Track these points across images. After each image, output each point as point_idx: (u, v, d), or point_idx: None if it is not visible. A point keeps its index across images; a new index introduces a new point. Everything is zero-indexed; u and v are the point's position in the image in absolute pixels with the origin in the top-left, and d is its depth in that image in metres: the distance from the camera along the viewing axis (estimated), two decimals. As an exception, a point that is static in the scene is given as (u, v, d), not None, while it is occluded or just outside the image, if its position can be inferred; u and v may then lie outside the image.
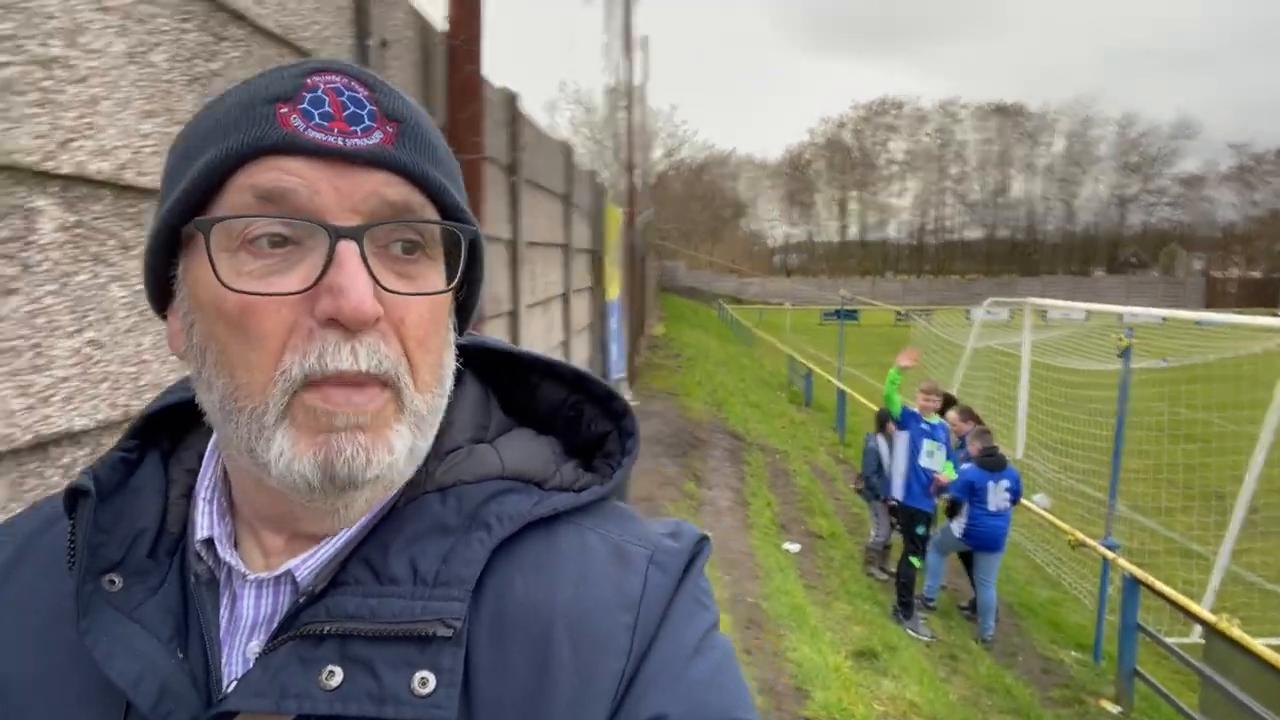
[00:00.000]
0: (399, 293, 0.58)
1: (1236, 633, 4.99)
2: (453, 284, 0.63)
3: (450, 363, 0.65)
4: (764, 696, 4.70)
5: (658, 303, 37.56)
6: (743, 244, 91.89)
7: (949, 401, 8.68)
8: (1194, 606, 5.60)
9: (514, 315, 4.33)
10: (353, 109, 0.58)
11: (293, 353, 0.56)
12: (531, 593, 0.61)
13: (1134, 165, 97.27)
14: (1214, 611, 5.60)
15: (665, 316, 34.90)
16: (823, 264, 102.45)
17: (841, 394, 15.27)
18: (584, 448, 0.74)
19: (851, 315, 31.76)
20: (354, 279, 0.55)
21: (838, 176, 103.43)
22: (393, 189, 0.58)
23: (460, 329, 0.71)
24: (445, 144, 0.66)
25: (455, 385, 0.71)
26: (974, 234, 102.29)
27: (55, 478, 1.16)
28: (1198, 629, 5.93)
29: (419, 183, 0.60)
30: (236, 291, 0.56)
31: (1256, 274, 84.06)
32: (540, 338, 5.19)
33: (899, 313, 40.80)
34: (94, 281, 1.21)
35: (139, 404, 1.31)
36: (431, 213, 0.61)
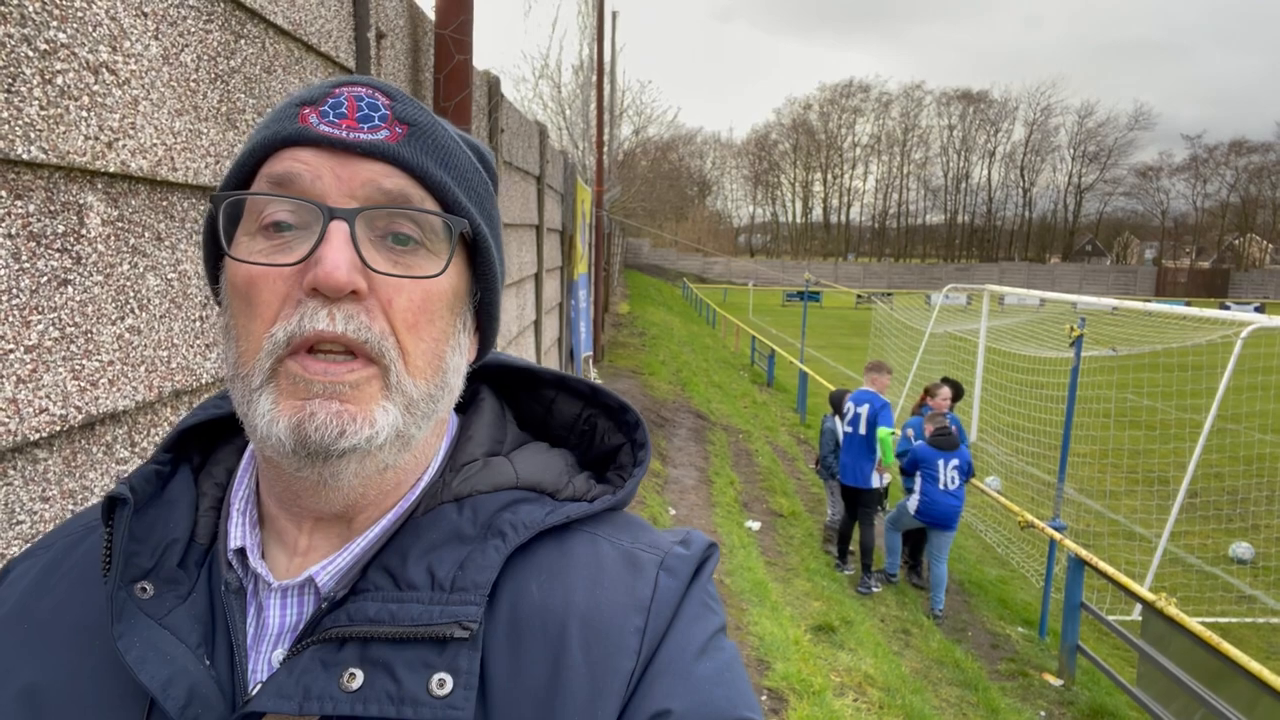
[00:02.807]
0: (384, 273, 0.61)
1: (1173, 611, 5.26)
2: (439, 271, 0.64)
3: (453, 359, 0.67)
4: (726, 668, 4.87)
5: (623, 280, 37.58)
6: (708, 223, 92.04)
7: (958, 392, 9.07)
8: (1134, 586, 5.86)
9: (491, 296, 4.41)
10: (366, 111, 0.63)
11: (282, 321, 0.59)
12: (545, 597, 0.63)
13: (1091, 155, 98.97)
14: (1153, 591, 5.88)
15: (630, 294, 34.95)
16: (786, 245, 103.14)
17: (803, 375, 15.50)
18: (598, 460, 0.77)
19: (814, 297, 32.05)
20: (333, 250, 0.58)
21: (803, 158, 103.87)
22: (390, 180, 0.62)
23: (485, 341, 0.75)
24: (466, 154, 0.69)
25: (473, 401, 0.76)
26: (935, 219, 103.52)
27: (99, 454, 1.25)
28: (1139, 607, 6.22)
29: (418, 177, 0.63)
30: (240, 261, 0.61)
31: (1205, 264, 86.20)
32: (514, 317, 5.27)
33: (860, 296, 41.31)
34: (133, 271, 1.29)
35: (170, 385, 1.39)
36: (431, 206, 0.64)
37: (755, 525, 8.42)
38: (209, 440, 0.76)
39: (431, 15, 2.99)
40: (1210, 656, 4.90)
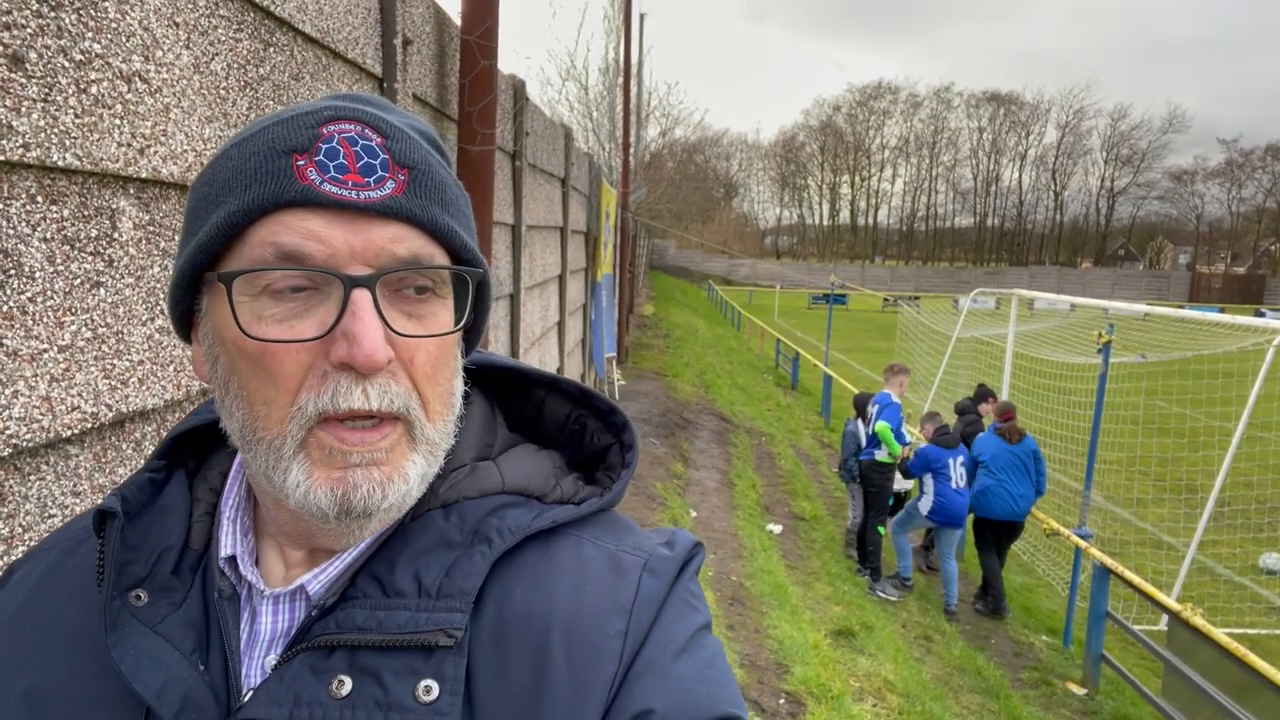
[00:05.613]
0: (410, 335, 0.62)
1: (1199, 621, 5.19)
2: (461, 324, 0.66)
3: (460, 388, 0.69)
4: (745, 671, 4.87)
5: (648, 282, 37.63)
6: (734, 225, 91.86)
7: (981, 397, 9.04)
8: (1160, 596, 5.80)
9: (514, 297, 4.45)
10: (366, 159, 0.60)
11: (308, 391, 0.59)
12: (530, 602, 0.64)
13: (1124, 158, 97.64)
14: (1180, 601, 5.81)
15: (655, 296, 34.96)
16: (813, 248, 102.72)
17: (828, 379, 15.44)
18: (587, 460, 0.78)
19: (840, 300, 31.94)
20: (366, 327, 0.58)
21: (830, 160, 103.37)
22: (403, 239, 0.61)
23: (466, 350, 0.75)
24: (455, 181, 0.68)
25: (463, 404, 0.75)
26: (964, 222, 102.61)
27: (129, 450, 1.29)
28: (1165, 617, 6.15)
29: (428, 230, 0.63)
30: (257, 340, 0.59)
31: (1240, 270, 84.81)
32: (538, 319, 5.30)
33: (887, 299, 41.05)
34: (164, 274, 1.33)
35: (198, 384, 1.43)
36: (441, 257, 0.64)
37: (777, 528, 8.41)
38: (203, 445, 0.76)
39: (457, 20, 3.03)
40: (1237, 668, 4.83)
